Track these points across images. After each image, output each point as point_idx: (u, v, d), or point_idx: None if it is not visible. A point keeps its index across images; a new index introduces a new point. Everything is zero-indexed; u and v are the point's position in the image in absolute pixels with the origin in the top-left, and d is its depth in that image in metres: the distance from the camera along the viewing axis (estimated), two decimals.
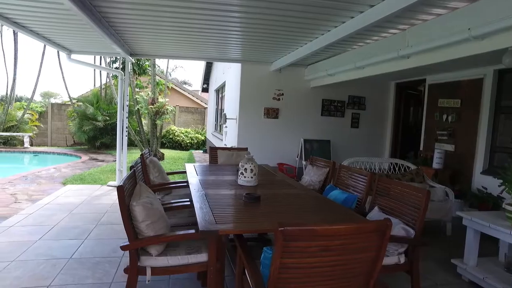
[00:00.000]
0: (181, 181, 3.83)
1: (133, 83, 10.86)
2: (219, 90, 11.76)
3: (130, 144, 10.22)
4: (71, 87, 52.44)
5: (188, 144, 14.84)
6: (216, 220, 2.18)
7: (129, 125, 8.53)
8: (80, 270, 3.09)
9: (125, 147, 6.85)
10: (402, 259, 2.51)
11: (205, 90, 16.17)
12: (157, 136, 11.54)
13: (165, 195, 3.79)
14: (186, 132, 15.31)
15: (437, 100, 6.06)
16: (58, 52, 13.27)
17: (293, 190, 3.34)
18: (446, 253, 3.80)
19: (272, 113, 7.26)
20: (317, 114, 7.53)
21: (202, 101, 19.51)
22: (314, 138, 7.37)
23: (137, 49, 6.07)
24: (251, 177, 3.27)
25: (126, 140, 6.89)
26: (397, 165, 5.68)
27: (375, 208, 2.89)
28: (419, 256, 2.55)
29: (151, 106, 10.85)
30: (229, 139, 8.27)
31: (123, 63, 9.12)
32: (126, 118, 6.81)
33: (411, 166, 5.47)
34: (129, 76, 7.45)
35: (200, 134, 15.43)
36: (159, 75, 13.94)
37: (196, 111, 17.45)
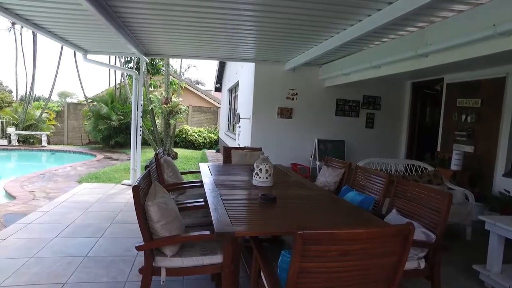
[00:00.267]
0: (195, 181, 3.82)
1: (147, 83, 10.97)
2: (232, 90, 11.77)
3: (144, 143, 10.32)
4: (87, 87, 53.58)
5: (201, 144, 14.91)
6: (232, 222, 2.15)
7: (143, 125, 8.61)
8: (95, 269, 3.12)
9: (139, 146, 6.91)
10: (422, 264, 2.43)
11: (218, 90, 16.22)
12: (171, 136, 11.63)
13: (179, 195, 3.79)
14: (199, 132, 15.39)
15: (456, 100, 5.89)
16: (75, 53, 13.51)
17: (309, 191, 3.29)
18: (467, 258, 3.67)
19: (286, 113, 7.21)
20: (331, 114, 7.45)
21: (215, 101, 19.59)
22: (328, 139, 7.28)
23: (152, 49, 6.11)
24: (266, 178, 3.22)
25: (140, 139, 6.95)
26: (414, 167, 5.55)
27: (393, 211, 2.81)
28: (441, 261, 2.47)
29: (165, 106, 10.95)
30: (242, 139, 8.25)
31: (138, 63, 9.20)
32: (140, 118, 6.86)
33: (428, 168, 5.34)
34: (143, 76, 7.51)
35: (213, 134, 15.48)
36: (173, 75, 14.03)
37: (209, 111, 17.52)
